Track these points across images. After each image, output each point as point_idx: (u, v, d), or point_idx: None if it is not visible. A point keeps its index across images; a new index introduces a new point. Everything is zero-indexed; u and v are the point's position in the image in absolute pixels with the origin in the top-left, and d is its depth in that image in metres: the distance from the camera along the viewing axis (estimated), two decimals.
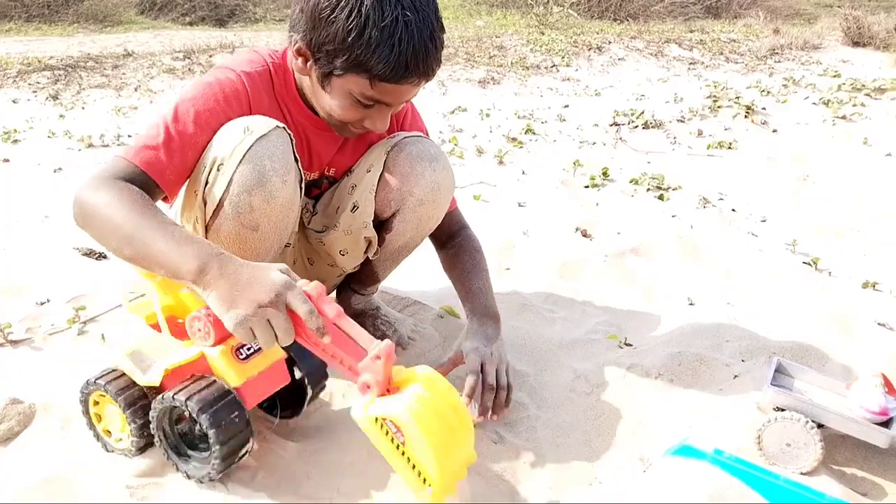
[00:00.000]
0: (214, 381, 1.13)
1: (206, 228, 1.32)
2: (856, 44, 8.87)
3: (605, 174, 3.28)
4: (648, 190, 3.10)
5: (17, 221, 2.69)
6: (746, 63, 7.13)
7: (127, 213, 1.12)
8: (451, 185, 1.52)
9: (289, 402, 1.32)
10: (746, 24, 11.27)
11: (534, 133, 4.14)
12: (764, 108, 4.70)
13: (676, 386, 1.55)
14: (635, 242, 2.45)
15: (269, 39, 8.17)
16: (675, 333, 1.75)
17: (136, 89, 5.54)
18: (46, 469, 1.22)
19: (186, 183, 1.34)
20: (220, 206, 1.27)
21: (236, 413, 1.11)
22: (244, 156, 1.23)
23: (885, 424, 1.23)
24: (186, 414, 1.15)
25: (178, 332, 1.19)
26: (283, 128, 1.28)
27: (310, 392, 1.28)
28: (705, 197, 2.97)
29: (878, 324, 1.86)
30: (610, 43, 7.74)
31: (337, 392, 1.47)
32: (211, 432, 1.09)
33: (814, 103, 4.86)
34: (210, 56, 6.52)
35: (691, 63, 7.09)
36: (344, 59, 1.19)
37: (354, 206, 1.49)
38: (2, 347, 1.69)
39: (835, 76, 5.74)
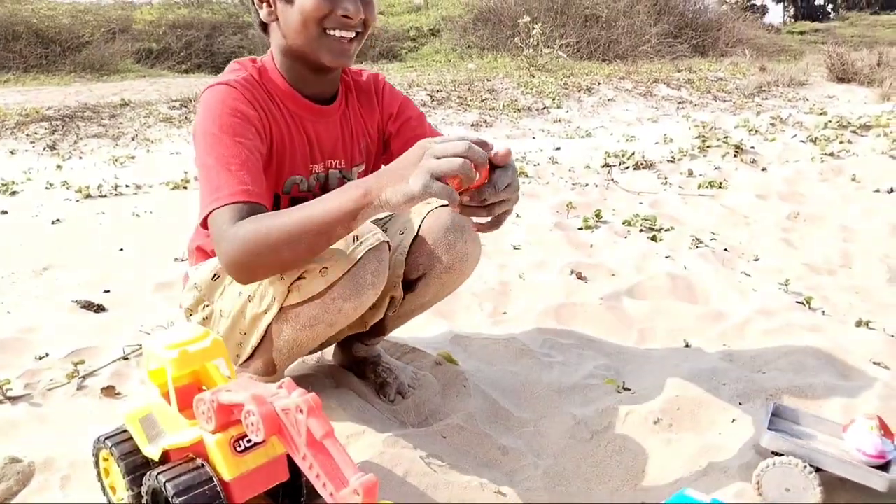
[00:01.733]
0: (202, 465, 1.10)
1: (280, 308, 1.33)
2: (840, 80, 9.07)
3: (598, 216, 3.32)
4: (641, 231, 3.14)
5: (15, 273, 2.70)
6: (734, 101, 7.25)
7: (273, 225, 1.15)
8: (478, 256, 1.58)
9: (290, 494, 1.25)
10: (733, 63, 11.50)
11: (527, 175, 4.19)
12: (752, 147, 4.78)
13: (675, 431, 1.56)
14: (630, 284, 2.47)
15: None
16: (673, 377, 1.76)
17: (133, 138, 5.61)
18: None
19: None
20: (309, 300, 1.30)
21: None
22: (352, 268, 1.27)
23: (883, 468, 1.24)
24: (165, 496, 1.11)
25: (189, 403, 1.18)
26: (387, 241, 1.33)
27: (305, 491, 1.22)
28: (698, 237, 3.00)
29: (874, 363, 1.87)
30: (599, 84, 7.88)
31: None
32: None
33: (801, 141, 4.94)
34: None
35: (680, 102, 7.21)
36: None
37: None
38: (1, 404, 1.69)
39: (821, 114, 5.85)
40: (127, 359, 1.91)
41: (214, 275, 1.46)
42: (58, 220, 3.49)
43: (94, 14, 15.21)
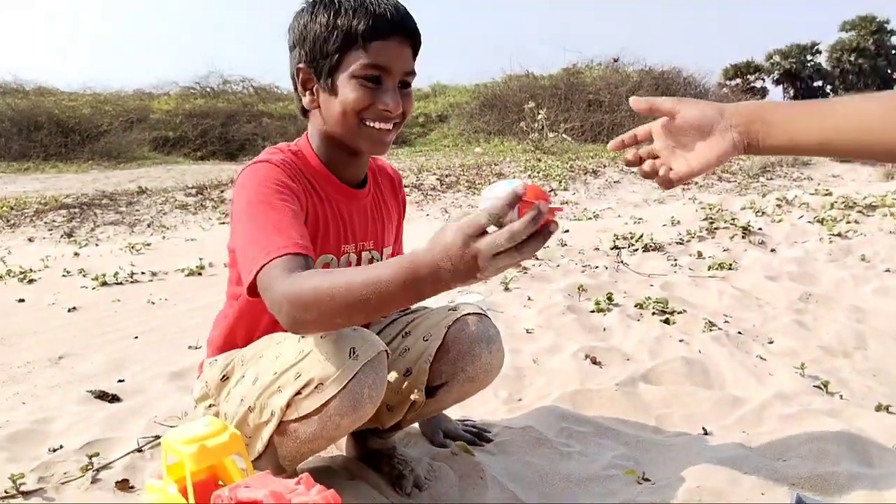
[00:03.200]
0: None
1: (280, 421, 1.33)
2: (843, 160, 9.20)
3: (609, 299, 3.33)
4: (654, 314, 3.14)
5: (30, 363, 2.72)
6: (739, 182, 7.36)
7: (335, 281, 1.09)
8: (501, 367, 1.62)
9: None
10: None
11: (537, 258, 4.23)
12: (760, 229, 4.83)
13: None
14: (645, 368, 2.46)
15: None
16: (693, 466, 1.74)
17: (149, 225, 5.72)
18: None
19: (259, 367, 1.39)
20: (307, 417, 1.30)
21: None
22: (348, 383, 1.26)
23: None
24: None
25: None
26: (385, 350, 1.33)
27: None
28: (711, 320, 3.00)
29: None
30: (605, 166, 8.03)
31: None
32: None
33: (809, 222, 4.99)
34: (221, 191, 6.76)
35: (685, 184, 7.33)
36: (334, 41, 1.31)
37: (408, 371, 1.56)
38: (13, 500, 1.67)
39: (826, 194, 5.93)
40: (141, 451, 1.90)
41: (223, 375, 1.48)
42: (74, 307, 3.53)
43: (114, 104, 15.80)
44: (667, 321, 3.04)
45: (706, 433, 2.00)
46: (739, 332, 2.87)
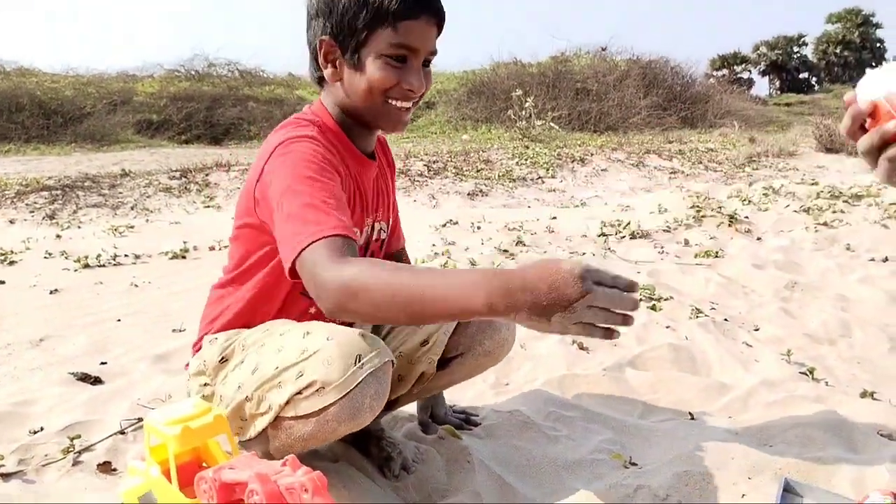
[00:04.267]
0: None
1: (276, 415, 1.30)
2: (828, 150, 9.27)
3: None
4: (641, 300, 3.14)
5: (11, 345, 2.67)
6: (725, 171, 7.39)
7: (391, 277, 1.09)
8: (513, 344, 1.64)
9: None
10: (722, 133, 11.77)
11: (524, 245, 4.22)
12: (747, 217, 4.85)
13: None
14: (632, 354, 2.46)
15: None
16: (680, 451, 1.74)
17: (132, 208, 5.65)
18: None
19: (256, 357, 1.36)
20: (306, 417, 1.26)
21: None
22: (350, 392, 1.22)
23: None
24: None
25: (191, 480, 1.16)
26: (391, 361, 1.29)
27: None
28: (697, 307, 3.01)
29: (881, 435, 1.85)
30: (592, 155, 8.02)
31: None
32: None
33: (795, 211, 5.01)
34: (206, 175, 6.69)
35: (672, 172, 7.34)
36: (364, 18, 1.28)
37: (426, 341, 1.57)
38: None
39: (813, 184, 5.96)
40: (124, 433, 1.88)
41: (222, 357, 1.44)
42: (56, 289, 3.48)
43: (97, 86, 15.57)
44: (654, 308, 3.04)
45: (692, 418, 2.01)
46: (726, 320, 2.88)
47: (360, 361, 1.23)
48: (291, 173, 1.26)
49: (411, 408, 1.99)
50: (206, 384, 1.48)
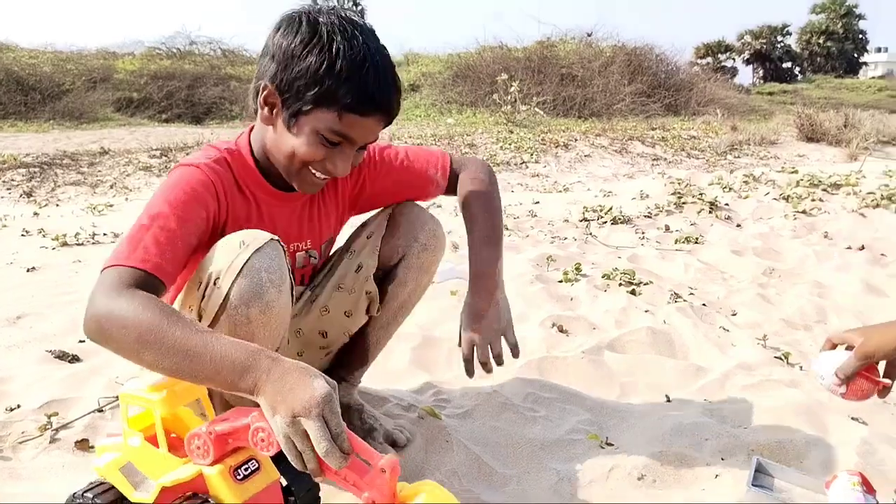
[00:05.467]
0: (206, 499, 1.10)
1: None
2: (809, 139, 9.35)
3: (577, 269, 3.35)
4: (621, 285, 3.17)
5: None
6: (707, 159, 7.43)
7: (157, 322, 1.07)
8: (445, 240, 1.70)
9: None
10: (705, 121, 11.81)
11: (507, 229, 4.23)
12: (727, 204, 4.89)
13: (659, 487, 1.55)
14: (611, 338, 2.48)
15: None
16: (655, 432, 1.76)
17: (111, 186, 5.59)
18: None
19: (181, 296, 1.37)
20: (215, 319, 1.28)
21: None
22: (241, 269, 1.24)
23: None
24: None
25: (173, 447, 1.17)
26: (277, 240, 1.31)
27: None
28: (676, 292, 3.04)
29: (852, 418, 1.89)
30: (576, 140, 8.03)
31: None
32: None
33: (774, 199, 5.06)
34: (187, 153, 6.62)
35: (654, 159, 7.37)
36: (314, 93, 1.24)
37: (359, 267, 1.62)
38: None
39: (792, 172, 6.01)
40: (102, 411, 1.87)
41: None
42: (33, 267, 3.44)
43: (76, 63, 15.30)
44: (633, 292, 3.07)
45: (669, 401, 2.03)
46: (704, 304, 2.91)
47: (244, 244, 1.26)
48: (158, 195, 1.28)
49: (388, 386, 2.00)
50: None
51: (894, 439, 1.76)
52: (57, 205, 5.05)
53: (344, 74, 1.23)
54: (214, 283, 1.27)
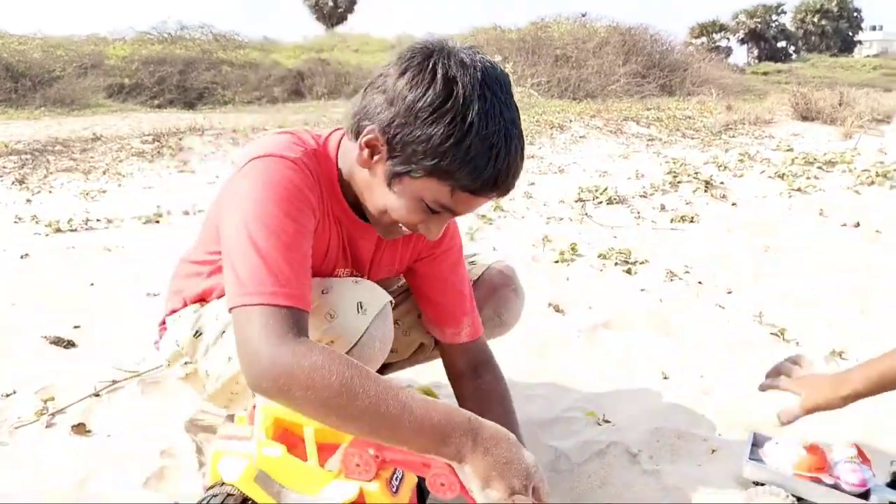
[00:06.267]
0: None
1: None
2: (804, 118, 9.32)
3: (573, 249, 3.34)
4: (616, 264, 3.17)
5: None
6: (702, 139, 7.41)
7: (347, 384, 0.96)
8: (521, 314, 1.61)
9: None
10: (700, 101, 11.77)
11: (502, 210, 4.22)
12: (722, 183, 4.88)
13: (656, 463, 1.55)
14: (607, 317, 2.48)
15: (238, 121, 8.28)
16: (652, 408, 1.77)
17: (104, 172, 5.55)
18: None
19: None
20: None
21: None
22: (359, 340, 1.17)
23: (864, 496, 1.25)
24: None
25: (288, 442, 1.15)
26: (391, 301, 1.24)
27: None
28: (672, 270, 3.04)
29: None
30: (571, 122, 8.00)
31: None
32: None
33: (769, 177, 5.05)
34: (179, 139, 6.57)
35: (649, 139, 7.35)
36: (431, 164, 1.05)
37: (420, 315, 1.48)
38: None
39: (787, 150, 6.00)
40: (98, 395, 1.87)
41: (196, 331, 1.34)
42: (26, 254, 3.42)
43: (66, 49, 15.16)
44: (629, 271, 3.07)
45: (666, 378, 2.04)
46: (699, 283, 2.91)
47: (362, 308, 1.17)
48: (256, 196, 1.09)
49: None
50: (186, 363, 1.38)
51: (894, 413, 1.77)
52: (50, 191, 5.01)
53: (471, 155, 1.03)
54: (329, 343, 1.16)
